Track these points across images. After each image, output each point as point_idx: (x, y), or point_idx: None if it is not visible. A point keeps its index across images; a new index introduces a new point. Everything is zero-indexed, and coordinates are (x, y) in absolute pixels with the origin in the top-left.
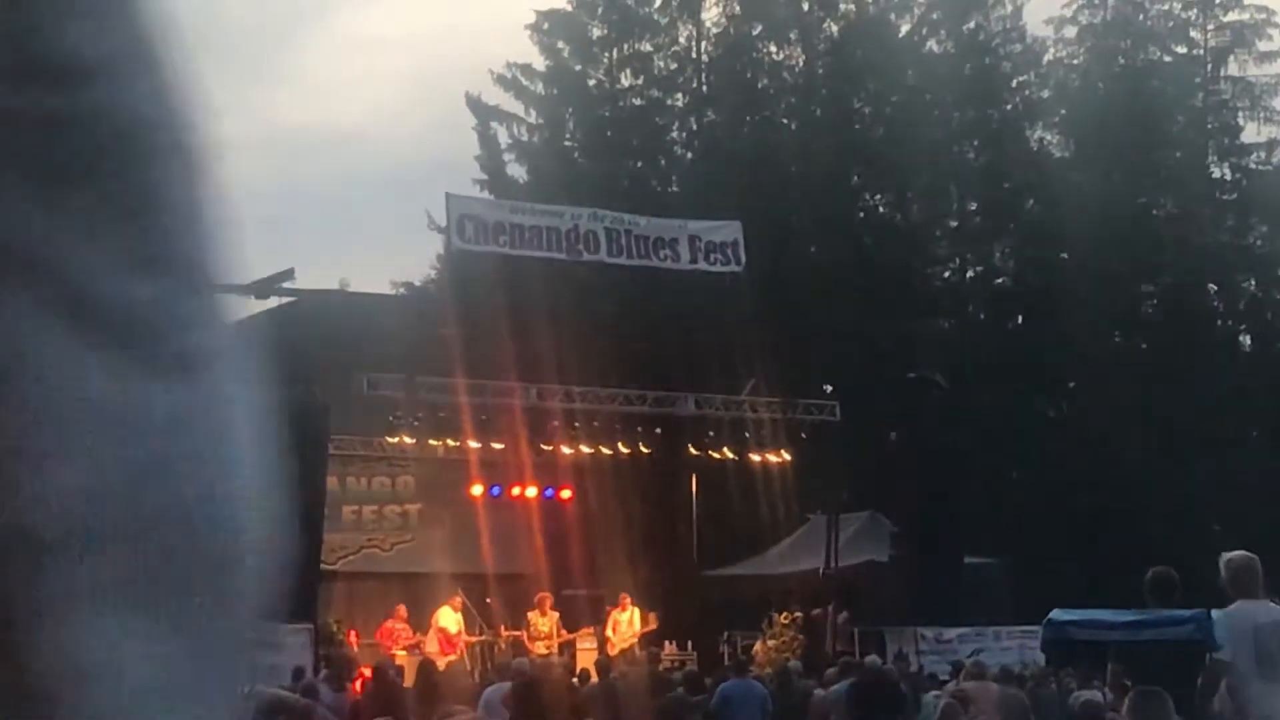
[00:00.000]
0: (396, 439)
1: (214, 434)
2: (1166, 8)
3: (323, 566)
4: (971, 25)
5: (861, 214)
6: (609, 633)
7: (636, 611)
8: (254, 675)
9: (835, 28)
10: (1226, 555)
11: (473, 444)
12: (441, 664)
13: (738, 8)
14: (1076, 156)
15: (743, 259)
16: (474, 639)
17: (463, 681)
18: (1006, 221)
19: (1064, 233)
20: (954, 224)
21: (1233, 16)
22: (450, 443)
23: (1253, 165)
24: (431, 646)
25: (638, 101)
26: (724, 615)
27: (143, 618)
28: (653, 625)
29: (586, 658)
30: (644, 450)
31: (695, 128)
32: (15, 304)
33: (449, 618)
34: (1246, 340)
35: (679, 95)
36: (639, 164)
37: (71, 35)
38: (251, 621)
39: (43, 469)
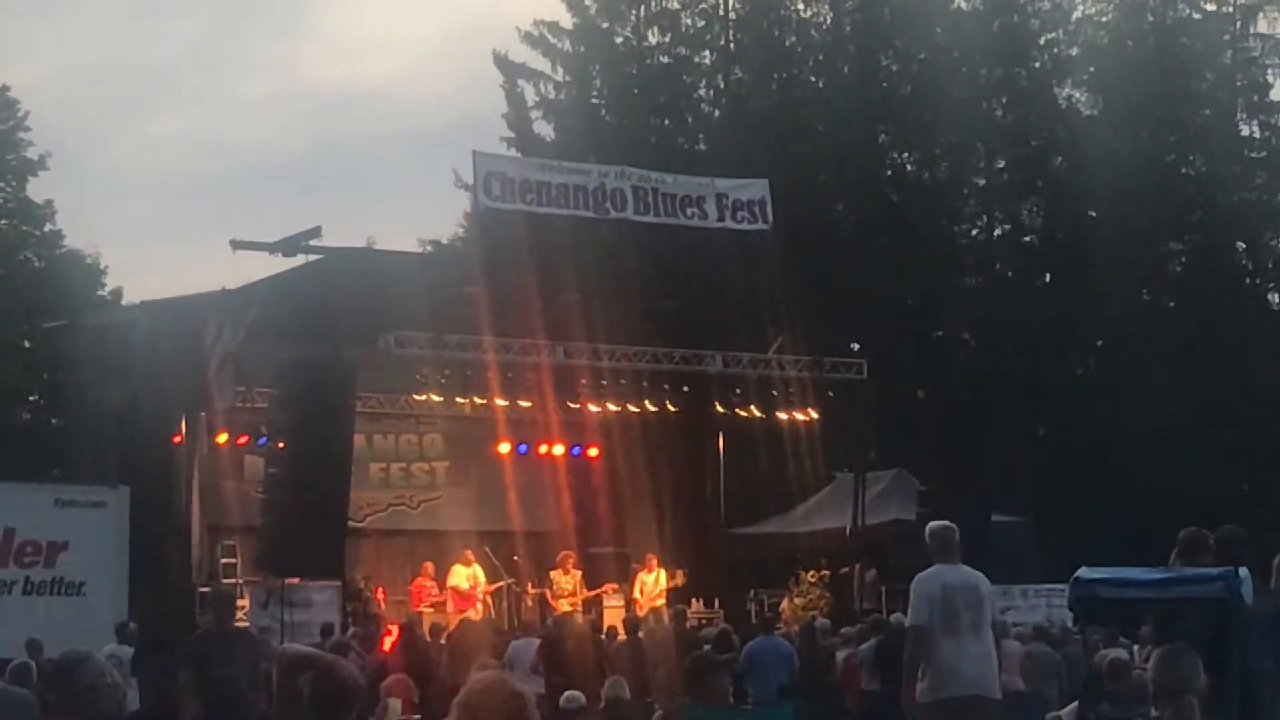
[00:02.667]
0: (423, 397)
1: None
2: None
3: (350, 524)
4: None
5: (889, 172)
6: (636, 594)
7: (662, 573)
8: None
9: None
10: (930, 524)
11: (500, 402)
12: (457, 622)
13: None
14: (1105, 114)
15: (770, 217)
16: (493, 587)
17: (482, 636)
18: (1034, 179)
19: (1092, 191)
20: (981, 182)
21: None
22: (477, 400)
23: None
24: (449, 607)
25: (665, 59)
26: (751, 573)
27: None
28: (679, 581)
29: (613, 615)
30: (671, 408)
31: (722, 85)
32: None
33: (460, 575)
34: (1275, 298)
35: (706, 53)
36: (666, 122)
37: None
38: None
39: None
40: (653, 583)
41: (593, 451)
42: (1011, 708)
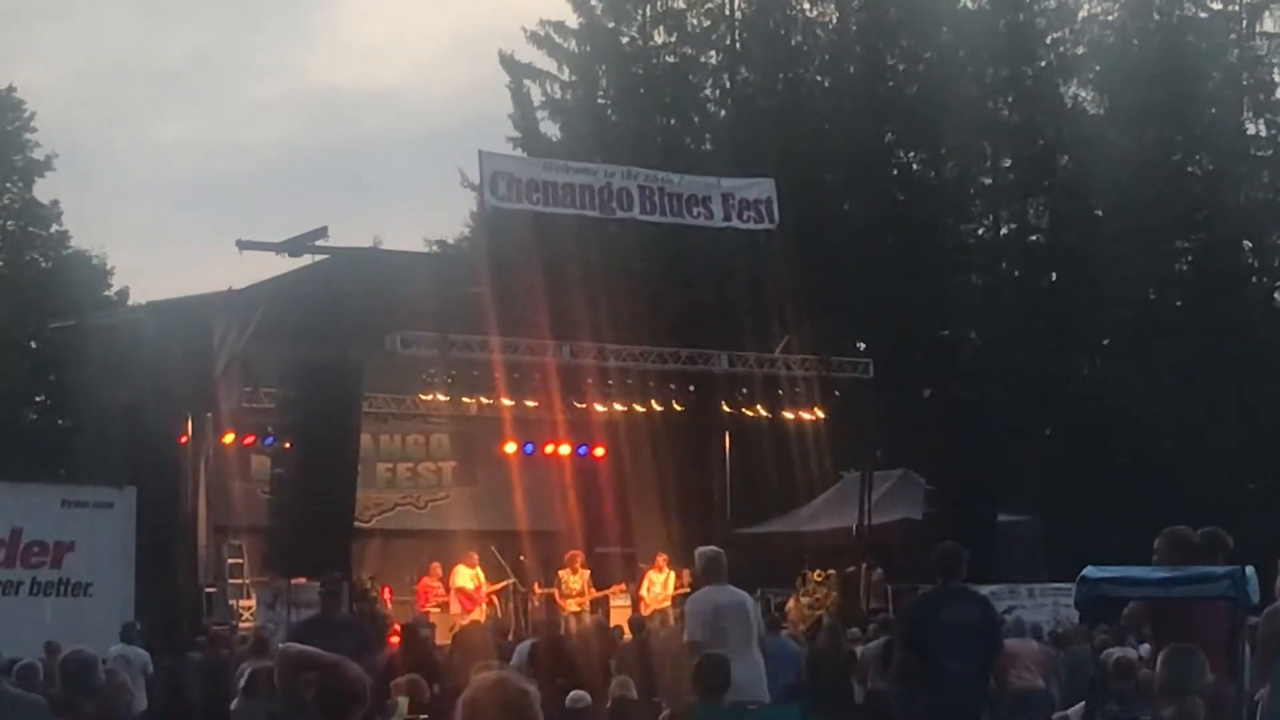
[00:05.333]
0: (430, 397)
1: None
2: None
3: (357, 524)
4: None
5: (895, 171)
6: (643, 592)
7: (672, 574)
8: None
9: None
10: (699, 549)
11: (506, 402)
12: (465, 623)
13: None
14: (1110, 113)
15: (776, 216)
16: (497, 587)
17: (485, 637)
18: (1040, 178)
19: (1098, 189)
20: (987, 181)
21: None
22: (484, 400)
23: None
24: (454, 608)
25: (671, 59)
26: (757, 573)
27: None
28: (685, 587)
29: (620, 615)
30: (677, 408)
31: (728, 85)
32: None
33: (464, 576)
34: None
35: (712, 52)
36: (672, 121)
37: None
38: None
39: None
40: (662, 583)
41: (599, 451)
42: (1026, 704)
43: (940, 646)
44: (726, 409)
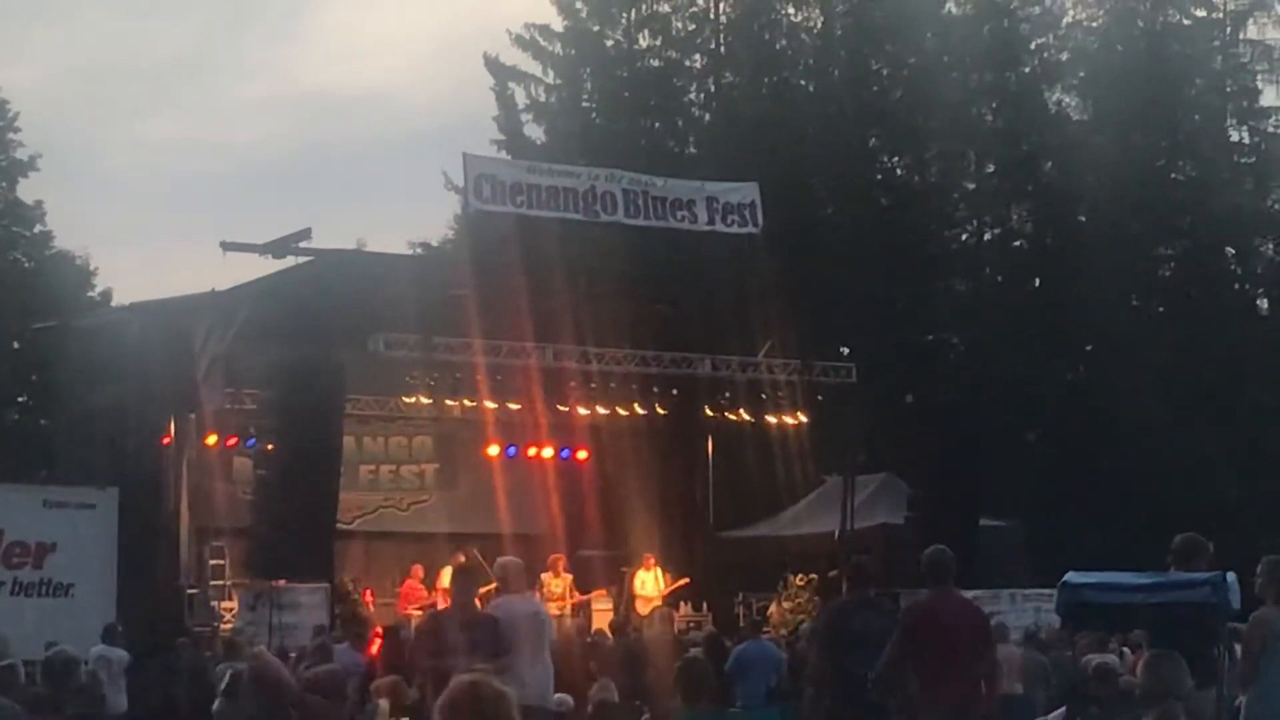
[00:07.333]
0: (413, 399)
1: None
2: None
3: (339, 526)
4: None
5: (879, 176)
6: (637, 589)
7: (658, 572)
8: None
9: None
10: (498, 560)
11: (489, 404)
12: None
13: None
14: (1095, 119)
15: (760, 220)
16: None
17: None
18: (1024, 184)
19: (1082, 195)
20: (971, 186)
21: None
22: (467, 403)
23: (1271, 129)
24: (442, 608)
25: (655, 62)
26: (739, 577)
27: None
28: (683, 582)
29: (602, 619)
30: (660, 411)
31: (713, 89)
32: None
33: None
34: (1264, 304)
35: (697, 56)
36: (656, 125)
37: None
38: None
39: None
40: (653, 581)
41: (582, 454)
42: (1006, 711)
43: (849, 653)
44: (709, 413)
